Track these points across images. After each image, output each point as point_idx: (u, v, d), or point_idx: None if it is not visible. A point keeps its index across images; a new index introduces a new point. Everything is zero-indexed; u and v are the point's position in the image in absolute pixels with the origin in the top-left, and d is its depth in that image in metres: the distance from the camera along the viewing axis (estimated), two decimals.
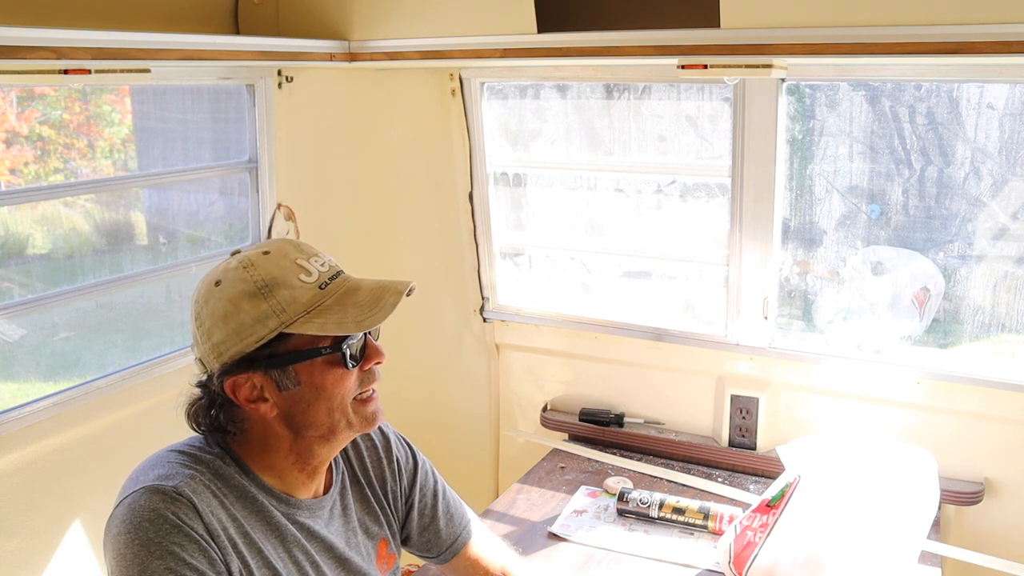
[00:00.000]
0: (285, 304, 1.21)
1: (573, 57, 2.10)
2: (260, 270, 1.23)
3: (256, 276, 1.22)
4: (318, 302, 1.23)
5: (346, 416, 1.28)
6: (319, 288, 1.24)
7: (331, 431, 1.28)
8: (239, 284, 1.22)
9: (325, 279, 1.25)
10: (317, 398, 1.25)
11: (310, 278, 1.24)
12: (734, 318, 2.40)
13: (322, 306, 1.22)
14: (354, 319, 1.22)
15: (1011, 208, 2.13)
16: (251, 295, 1.21)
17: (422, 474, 1.55)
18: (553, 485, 2.35)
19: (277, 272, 1.23)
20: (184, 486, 1.18)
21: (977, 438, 2.18)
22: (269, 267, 1.23)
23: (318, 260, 1.27)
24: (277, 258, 1.25)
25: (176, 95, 2.35)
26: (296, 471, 1.31)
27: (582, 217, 2.66)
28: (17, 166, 2.08)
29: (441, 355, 2.88)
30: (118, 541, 1.14)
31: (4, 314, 1.88)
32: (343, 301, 1.24)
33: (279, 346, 1.22)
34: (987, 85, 2.07)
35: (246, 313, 1.21)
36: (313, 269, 1.25)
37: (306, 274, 1.24)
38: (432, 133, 2.61)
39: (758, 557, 1.80)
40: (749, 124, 2.21)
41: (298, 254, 1.27)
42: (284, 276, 1.23)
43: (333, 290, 1.25)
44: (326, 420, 1.27)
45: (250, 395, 1.24)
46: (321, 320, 1.21)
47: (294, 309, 1.21)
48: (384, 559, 1.47)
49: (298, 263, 1.25)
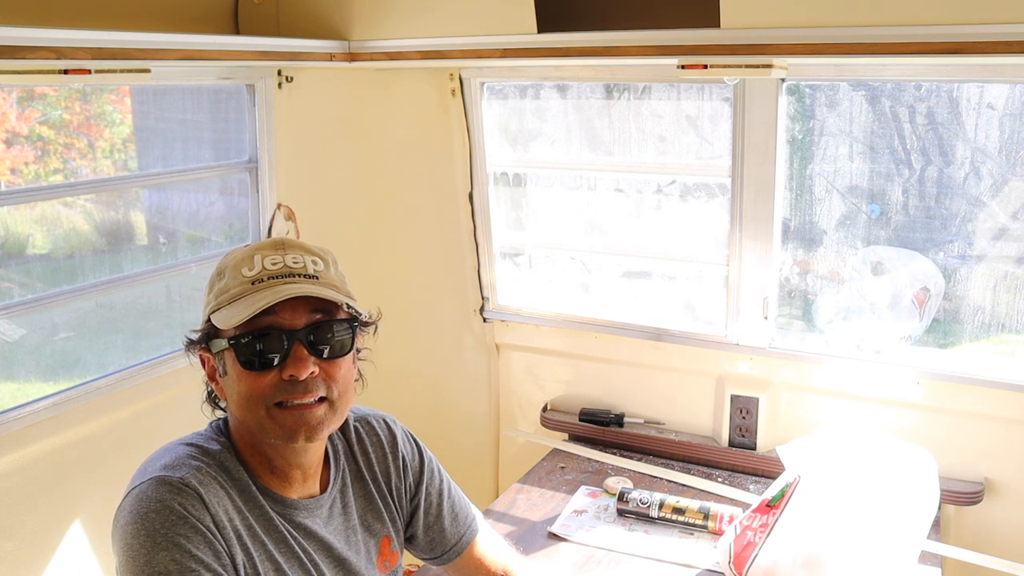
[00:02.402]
0: (220, 291, 1.25)
1: (573, 57, 2.10)
2: (227, 258, 1.29)
3: (221, 263, 1.29)
4: (239, 295, 1.23)
5: (259, 419, 1.24)
6: (251, 283, 1.23)
7: (253, 431, 1.27)
8: (215, 266, 1.30)
9: (264, 276, 1.24)
10: (234, 391, 1.25)
11: (250, 272, 1.24)
12: (734, 318, 2.41)
13: (240, 300, 1.22)
14: (230, 316, 1.21)
15: (1011, 208, 2.13)
16: (212, 280, 1.29)
17: (428, 472, 1.53)
18: (553, 485, 2.35)
19: (233, 262, 1.27)
20: (191, 477, 1.19)
21: (977, 438, 2.18)
22: (233, 256, 1.28)
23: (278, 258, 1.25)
24: (247, 249, 1.29)
25: (176, 95, 2.35)
26: (268, 471, 1.30)
27: (582, 217, 2.66)
28: (17, 166, 2.08)
29: (441, 355, 2.88)
30: (125, 531, 1.15)
31: (4, 314, 1.88)
32: (253, 298, 1.21)
33: (214, 332, 1.26)
34: (987, 85, 2.07)
35: (205, 295, 1.30)
36: (259, 265, 1.24)
37: (249, 268, 1.25)
38: (432, 133, 2.61)
39: (758, 557, 1.80)
40: (749, 124, 2.21)
41: (268, 250, 1.27)
42: (234, 266, 1.26)
43: (263, 287, 1.23)
44: (244, 417, 1.26)
45: (209, 371, 1.31)
46: (226, 313, 1.22)
47: (223, 299, 1.24)
48: (386, 557, 1.46)
49: (255, 257, 1.25)
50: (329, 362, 1.26)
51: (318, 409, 1.25)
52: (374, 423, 1.50)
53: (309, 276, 1.25)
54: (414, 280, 2.82)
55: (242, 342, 1.22)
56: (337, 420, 1.30)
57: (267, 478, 1.30)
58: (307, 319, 1.24)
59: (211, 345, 1.27)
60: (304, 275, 1.25)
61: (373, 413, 1.52)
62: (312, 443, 1.28)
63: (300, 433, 1.24)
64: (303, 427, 1.24)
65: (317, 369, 1.24)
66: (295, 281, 1.23)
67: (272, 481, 1.30)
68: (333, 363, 1.26)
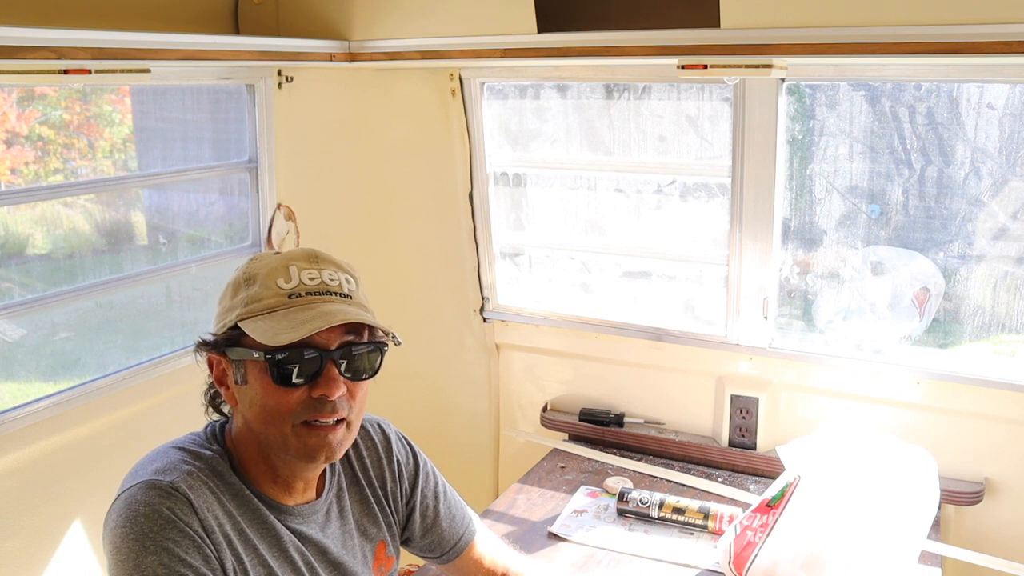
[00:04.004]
0: (251, 300, 1.24)
1: (573, 57, 2.10)
2: (256, 263, 1.27)
3: (250, 268, 1.27)
4: (276, 308, 1.22)
5: (282, 435, 1.23)
6: (288, 297, 1.23)
7: (270, 444, 1.26)
8: (238, 272, 1.28)
9: (302, 291, 1.23)
10: (255, 403, 1.24)
11: (287, 284, 1.23)
12: (734, 318, 2.40)
13: (277, 313, 1.22)
14: (275, 332, 1.19)
15: (1011, 208, 2.14)
16: (237, 284, 1.27)
17: (423, 475, 1.53)
18: (553, 485, 2.34)
19: (264, 270, 1.25)
20: (181, 482, 1.19)
21: (977, 438, 2.18)
22: (264, 263, 1.27)
23: (315, 273, 1.25)
24: (279, 258, 1.27)
25: (176, 95, 2.35)
26: (270, 480, 1.30)
27: (582, 217, 2.66)
28: (17, 166, 2.08)
29: (441, 355, 2.88)
30: (115, 535, 1.15)
31: (4, 314, 1.88)
32: (296, 315, 1.21)
33: (236, 338, 1.24)
34: (987, 85, 2.07)
35: (228, 298, 1.28)
36: (296, 278, 1.24)
37: (286, 280, 1.24)
38: (432, 133, 2.61)
39: (758, 557, 1.80)
40: (749, 124, 2.21)
41: (302, 262, 1.26)
42: (266, 275, 1.24)
43: (302, 303, 1.22)
44: (262, 430, 1.25)
45: (219, 375, 1.29)
46: (264, 325, 1.21)
47: (254, 307, 1.23)
48: (382, 561, 1.46)
49: (290, 269, 1.25)
50: (356, 383, 1.27)
51: (339, 430, 1.26)
52: (369, 427, 1.50)
53: (344, 295, 1.26)
54: (414, 280, 2.82)
55: (278, 358, 1.20)
56: (351, 439, 1.31)
57: (267, 486, 1.30)
58: (341, 339, 1.24)
59: (231, 352, 1.25)
60: (340, 294, 1.25)
61: (368, 417, 1.52)
62: (330, 462, 1.29)
63: (321, 453, 1.25)
64: (324, 448, 1.25)
65: (345, 389, 1.24)
66: (333, 300, 1.24)
67: (271, 488, 1.30)
68: (359, 384, 1.27)
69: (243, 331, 1.22)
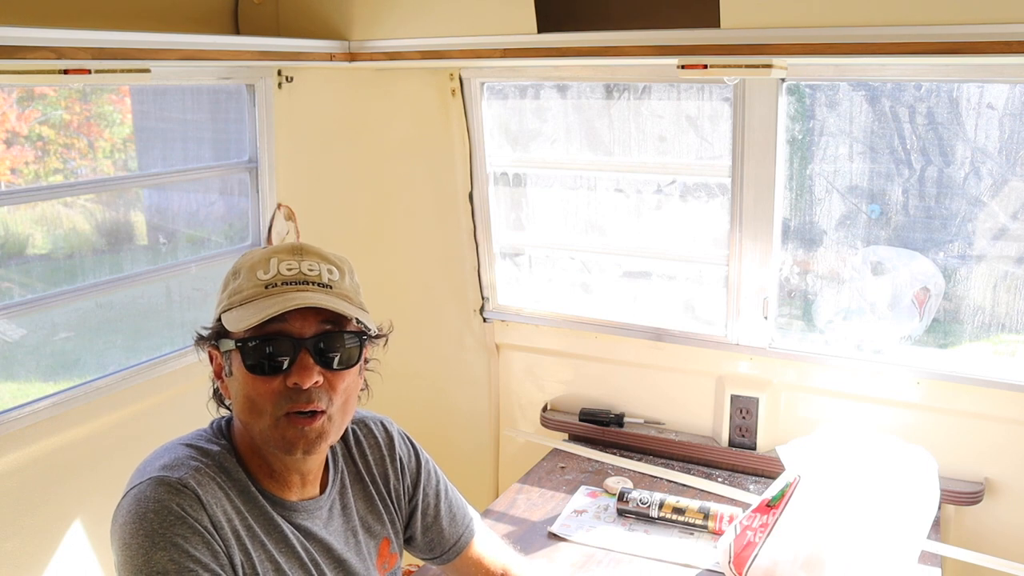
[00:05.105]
0: (233, 292, 1.25)
1: (573, 57, 2.10)
2: (244, 258, 1.29)
3: (237, 263, 1.29)
4: (251, 298, 1.23)
5: (265, 426, 1.23)
6: (264, 287, 1.23)
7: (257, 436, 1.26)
8: (232, 265, 1.30)
9: (278, 281, 1.23)
10: (239, 394, 1.25)
11: (265, 276, 1.24)
12: (734, 318, 2.40)
13: (252, 303, 1.22)
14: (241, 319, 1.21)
15: (1011, 208, 2.14)
16: (226, 279, 1.29)
17: (425, 473, 1.53)
18: (553, 485, 2.35)
19: (249, 262, 1.27)
20: (189, 478, 1.19)
21: (977, 438, 2.18)
22: (250, 256, 1.28)
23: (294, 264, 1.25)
24: (265, 252, 1.29)
25: (176, 95, 2.35)
26: (267, 475, 1.30)
27: (582, 217, 2.66)
28: (17, 166, 2.08)
29: (441, 355, 2.88)
30: (124, 531, 1.16)
31: (4, 314, 1.88)
32: (264, 303, 1.21)
33: (223, 331, 1.26)
34: (987, 85, 2.07)
35: (220, 291, 1.30)
36: (274, 269, 1.24)
37: (264, 271, 1.25)
38: (432, 133, 2.61)
39: (758, 557, 1.80)
40: (749, 124, 2.21)
41: (284, 254, 1.27)
42: (249, 268, 1.26)
43: (276, 292, 1.22)
44: (248, 421, 1.25)
45: (217, 369, 1.31)
46: (236, 314, 1.23)
47: (235, 299, 1.24)
48: (385, 558, 1.46)
49: (271, 260, 1.26)
50: (334, 373, 1.25)
51: (317, 422, 1.24)
52: (371, 425, 1.50)
53: (323, 285, 1.25)
54: (414, 280, 2.82)
55: (249, 345, 1.22)
56: (336, 433, 1.29)
57: (266, 481, 1.30)
58: (316, 328, 1.24)
59: (220, 344, 1.27)
60: (318, 283, 1.25)
61: (370, 415, 1.52)
62: (310, 456, 1.28)
63: (298, 446, 1.24)
64: (302, 440, 1.24)
65: (322, 379, 1.23)
66: (308, 289, 1.23)
67: (271, 484, 1.30)
68: (338, 375, 1.26)
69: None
